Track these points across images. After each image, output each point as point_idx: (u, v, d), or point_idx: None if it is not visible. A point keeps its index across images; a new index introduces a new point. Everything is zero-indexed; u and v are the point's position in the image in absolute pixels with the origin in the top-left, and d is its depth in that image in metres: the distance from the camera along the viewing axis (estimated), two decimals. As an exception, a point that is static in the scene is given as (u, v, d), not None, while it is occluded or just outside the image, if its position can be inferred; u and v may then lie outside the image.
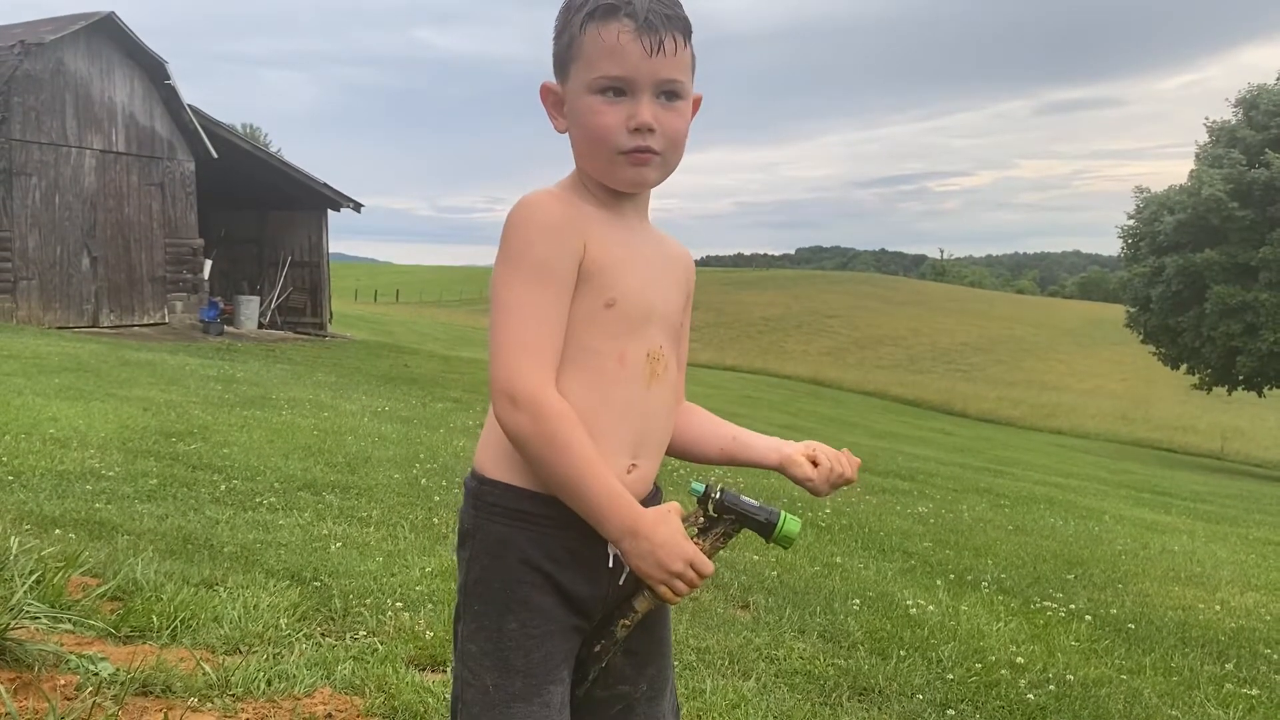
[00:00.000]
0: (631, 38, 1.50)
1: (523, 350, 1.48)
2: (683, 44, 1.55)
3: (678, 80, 1.55)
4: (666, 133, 1.56)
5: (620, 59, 1.51)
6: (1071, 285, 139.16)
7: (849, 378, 44.32)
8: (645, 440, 1.61)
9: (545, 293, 1.51)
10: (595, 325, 1.55)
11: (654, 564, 1.47)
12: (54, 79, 19.26)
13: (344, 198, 25.14)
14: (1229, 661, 4.60)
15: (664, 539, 1.47)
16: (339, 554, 4.53)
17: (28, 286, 19.04)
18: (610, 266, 1.56)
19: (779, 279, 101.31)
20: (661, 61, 1.52)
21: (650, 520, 1.47)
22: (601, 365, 1.56)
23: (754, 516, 1.52)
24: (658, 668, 1.70)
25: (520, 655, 1.53)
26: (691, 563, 1.47)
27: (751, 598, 4.70)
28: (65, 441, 6.70)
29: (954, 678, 3.83)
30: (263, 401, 10.53)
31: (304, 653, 3.20)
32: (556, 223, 1.53)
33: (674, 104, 1.56)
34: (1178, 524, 10.43)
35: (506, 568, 1.55)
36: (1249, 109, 31.00)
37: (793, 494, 7.70)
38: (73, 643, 3.00)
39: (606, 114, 1.54)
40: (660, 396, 1.63)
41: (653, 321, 1.62)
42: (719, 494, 1.50)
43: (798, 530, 1.51)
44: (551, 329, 1.51)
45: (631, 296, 1.58)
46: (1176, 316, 31.05)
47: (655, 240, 1.70)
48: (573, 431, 1.47)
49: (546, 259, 1.51)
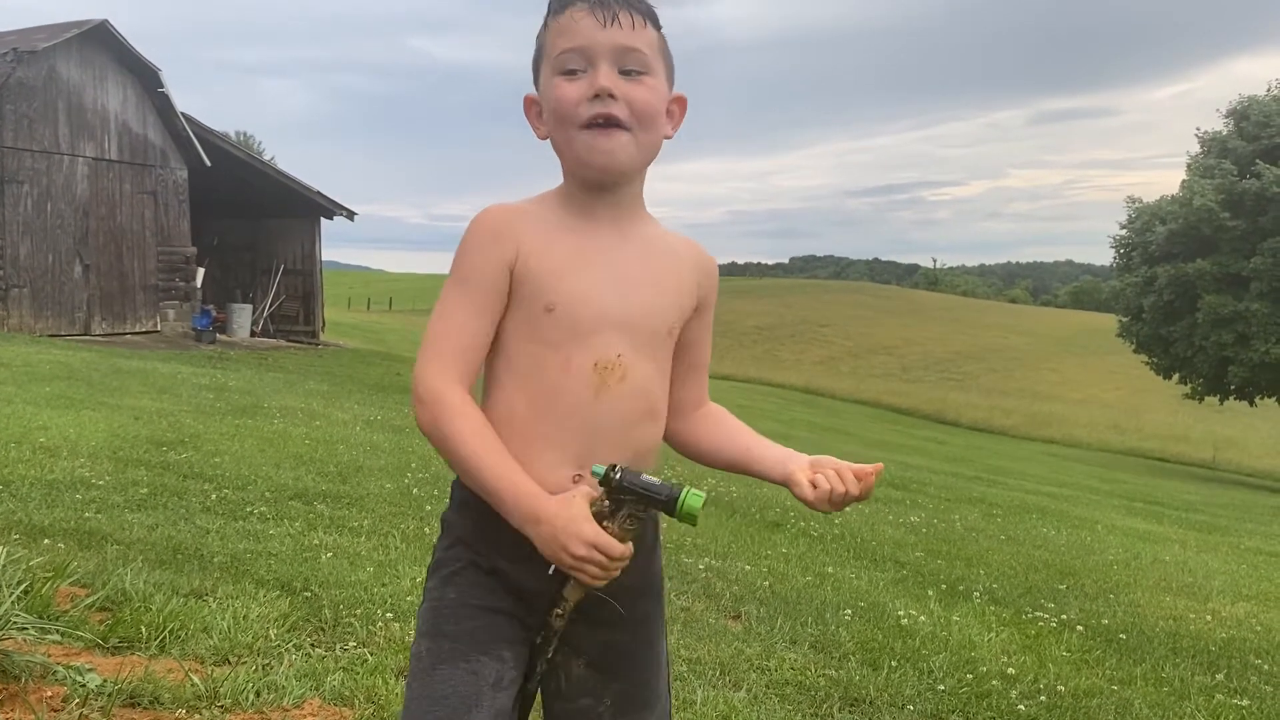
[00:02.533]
0: (585, 13, 1.53)
1: (431, 350, 1.56)
2: (644, 24, 1.55)
3: (638, 50, 1.54)
4: (632, 103, 1.54)
5: (574, 33, 1.53)
6: (1064, 295, 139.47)
7: (842, 386, 44.39)
8: (595, 451, 1.56)
9: (463, 298, 1.57)
10: (537, 331, 1.57)
11: (558, 549, 1.47)
12: (47, 86, 19.23)
13: (337, 206, 25.12)
14: (1220, 672, 4.60)
15: (564, 524, 1.46)
16: (329, 564, 4.52)
17: (19, 294, 18.98)
18: (549, 271, 1.56)
19: (772, 288, 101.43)
20: (617, 32, 1.52)
21: (552, 507, 1.48)
22: (544, 372, 1.57)
23: (654, 495, 1.47)
24: (629, 686, 1.65)
25: (452, 622, 1.57)
26: (596, 545, 1.45)
27: (743, 608, 4.70)
28: (55, 450, 6.68)
29: (945, 688, 3.82)
30: (254, 410, 10.50)
31: (293, 663, 3.19)
32: (486, 231, 1.58)
33: (639, 77, 1.55)
34: (1169, 534, 10.45)
35: (451, 547, 1.62)
36: (1240, 120, 31.15)
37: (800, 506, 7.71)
38: (60, 654, 2.99)
39: (566, 88, 1.54)
40: (613, 407, 1.58)
41: (606, 329, 1.57)
42: (618, 475, 1.46)
43: (699, 505, 1.47)
44: (462, 331, 1.56)
45: (574, 302, 1.56)
46: (1168, 326, 31.14)
47: (642, 244, 1.65)
48: (463, 424, 1.52)
49: (470, 265, 1.58)
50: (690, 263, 1.70)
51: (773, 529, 7.15)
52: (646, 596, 1.69)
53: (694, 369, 1.76)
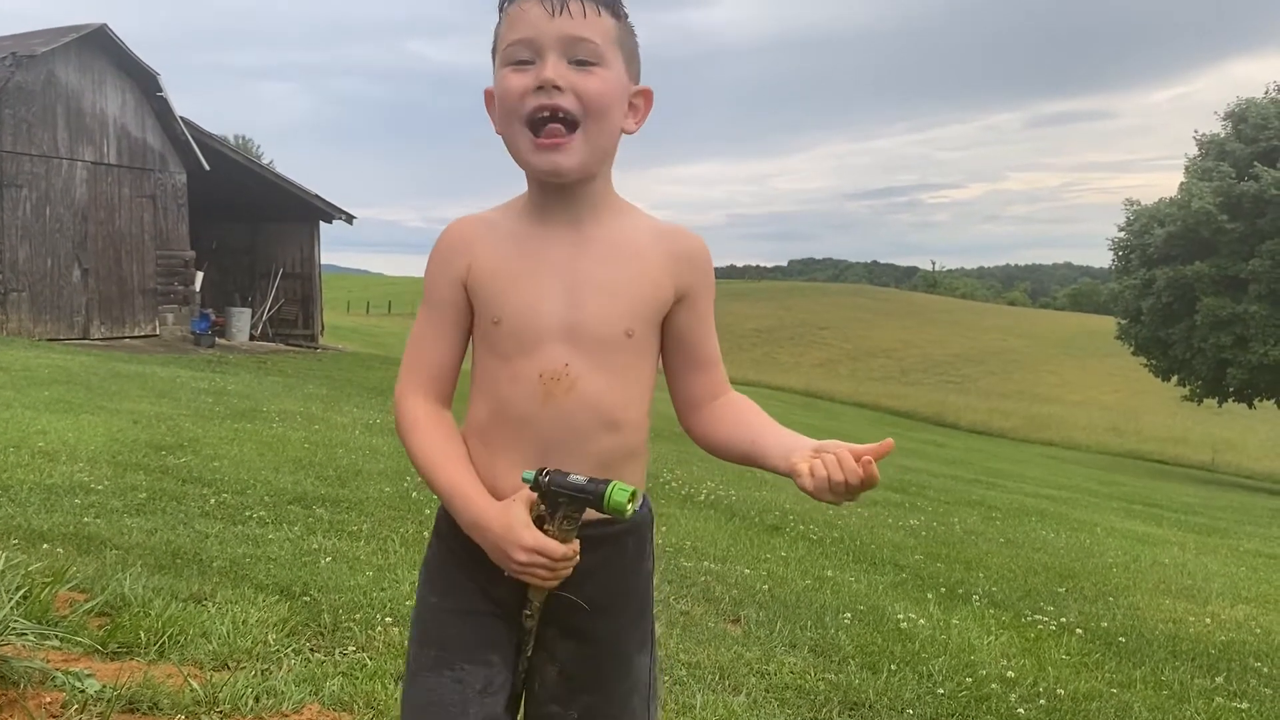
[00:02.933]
0: (534, 2, 1.49)
1: (402, 367, 1.64)
2: (598, 13, 1.50)
3: (589, 42, 1.49)
4: (581, 94, 1.49)
5: (523, 23, 1.50)
6: (1062, 297, 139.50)
7: (841, 389, 44.40)
8: (551, 457, 1.53)
9: (427, 314, 1.63)
10: (490, 344, 1.59)
11: (501, 556, 1.49)
12: (45, 91, 19.24)
13: (335, 209, 25.13)
14: (1219, 675, 4.60)
15: (503, 531, 1.48)
16: (329, 568, 4.51)
17: (18, 298, 18.97)
18: (495, 284, 1.57)
19: (771, 290, 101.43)
20: (566, 21, 1.48)
21: (492, 514, 1.50)
22: (497, 384, 1.58)
23: (582, 495, 1.45)
24: (598, 701, 1.61)
25: (436, 628, 1.59)
26: (537, 549, 1.45)
27: (742, 611, 4.70)
28: (54, 455, 6.67)
29: (944, 692, 3.82)
30: (253, 414, 10.50)
31: (293, 668, 3.18)
32: (443, 248, 1.63)
33: (589, 68, 1.50)
34: (1169, 536, 10.45)
35: (434, 549, 1.67)
36: (1238, 122, 31.18)
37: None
38: (59, 659, 2.98)
39: (513, 79, 1.51)
40: (562, 417, 1.54)
41: (550, 338, 1.54)
42: (545, 478, 1.46)
43: (626, 499, 1.43)
44: (423, 348, 1.63)
45: (518, 314, 1.55)
46: (1167, 328, 31.16)
47: (603, 246, 1.58)
48: (416, 435, 1.59)
49: (430, 283, 1.63)
50: (664, 254, 1.60)
51: (772, 532, 7.15)
52: (622, 616, 1.64)
53: (698, 365, 1.66)
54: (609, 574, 1.60)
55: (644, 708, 1.67)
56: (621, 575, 1.63)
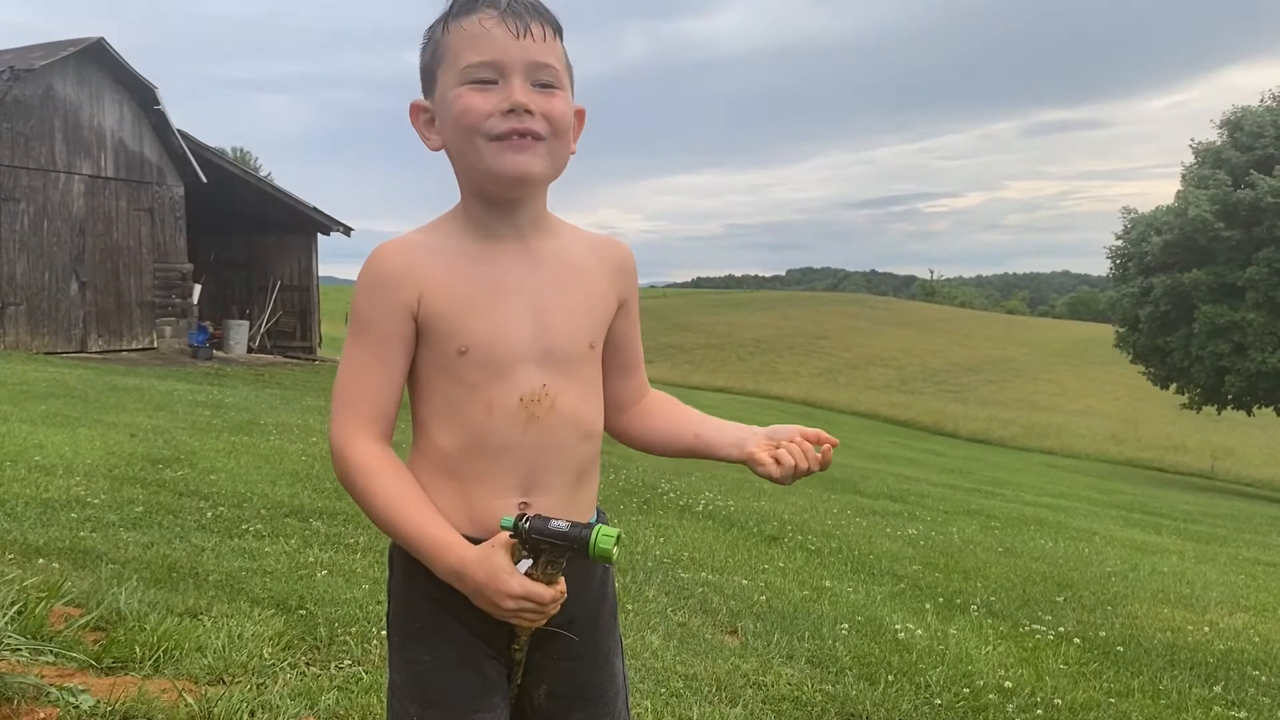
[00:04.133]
0: (496, 22, 1.47)
1: (338, 405, 1.54)
2: (553, 36, 1.51)
3: (551, 66, 1.49)
4: (548, 115, 1.49)
5: (487, 44, 1.47)
6: (1061, 305, 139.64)
7: (840, 399, 44.38)
8: (537, 478, 1.54)
9: (365, 348, 1.53)
10: (453, 373, 1.52)
11: (487, 604, 1.45)
12: (43, 104, 19.27)
13: (333, 221, 25.14)
14: (1217, 684, 4.59)
15: (485, 579, 1.42)
16: (325, 581, 4.50)
17: (15, 312, 18.97)
18: (458, 313, 1.51)
19: (770, 300, 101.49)
20: (531, 45, 1.47)
21: (473, 562, 1.44)
22: (467, 413, 1.52)
23: (564, 542, 1.42)
24: (590, 712, 1.64)
25: (437, 687, 1.54)
26: (525, 596, 1.42)
27: (739, 623, 4.69)
28: (51, 469, 6.66)
29: (942, 703, 3.82)
30: (251, 427, 10.49)
31: (288, 682, 3.18)
32: (384, 277, 1.52)
33: (551, 91, 1.50)
34: (1168, 544, 10.44)
35: (414, 599, 1.57)
36: (1234, 130, 31.25)
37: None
38: (54, 674, 2.97)
39: (474, 98, 1.48)
40: (546, 436, 1.54)
41: (524, 361, 1.53)
42: (526, 525, 1.42)
43: (612, 545, 1.41)
44: (366, 384, 1.53)
45: (488, 342, 1.52)
46: (1165, 336, 31.16)
47: (553, 264, 1.59)
48: (373, 482, 1.49)
49: (368, 316, 1.53)
50: (604, 267, 1.64)
51: (770, 543, 7.14)
52: (600, 626, 1.66)
53: (628, 368, 1.72)
54: (586, 590, 1.61)
55: (626, 708, 1.71)
56: (596, 586, 1.65)
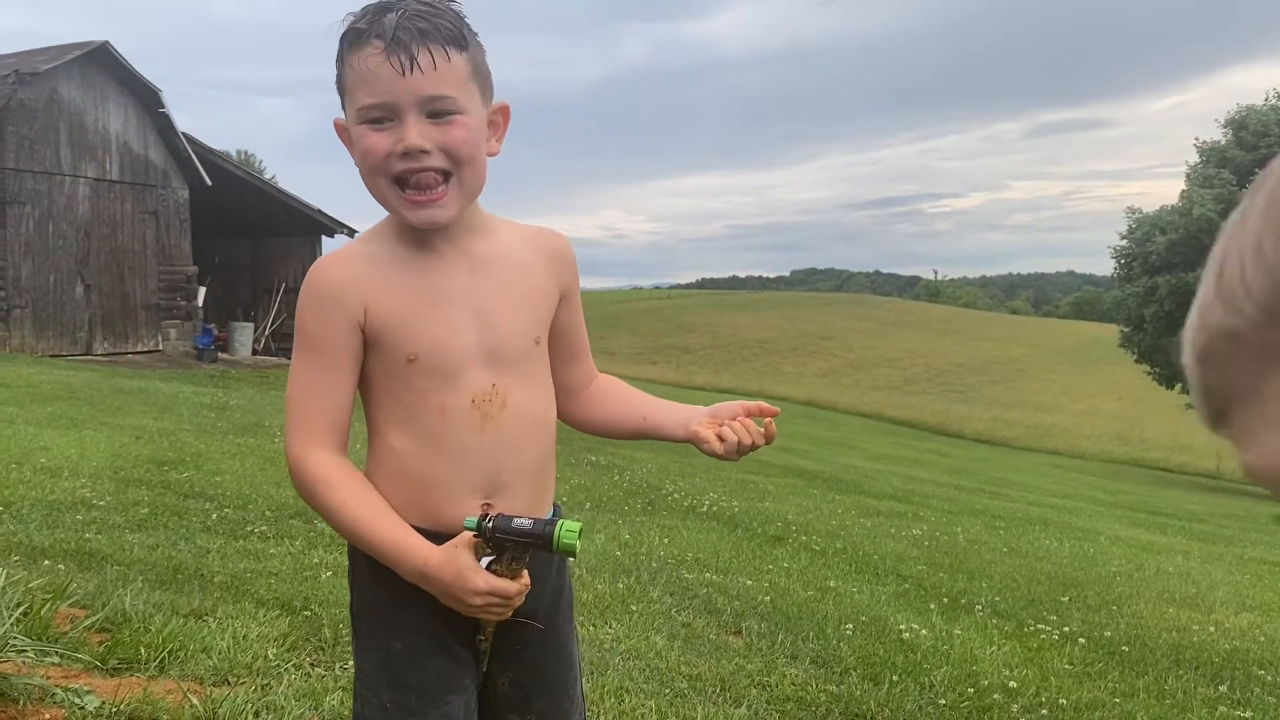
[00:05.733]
0: (380, 60, 1.42)
1: (292, 420, 1.56)
2: (446, 58, 1.44)
3: (444, 96, 1.45)
4: (446, 148, 1.47)
5: (373, 84, 1.44)
6: (1065, 305, 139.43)
7: (844, 399, 44.32)
8: (497, 478, 1.57)
9: (313, 362, 1.55)
10: (404, 380, 1.55)
11: (453, 601, 1.49)
12: (48, 108, 19.32)
13: (338, 223, 25.17)
14: (1223, 684, 4.58)
15: (451, 579, 1.46)
16: (330, 582, 4.51)
17: (21, 315, 19.02)
18: (404, 322, 1.53)
19: (773, 301, 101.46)
20: (419, 79, 1.43)
21: (436, 562, 1.47)
22: (423, 419, 1.55)
23: (529, 539, 1.46)
24: (549, 703, 1.68)
25: (411, 672, 1.57)
26: (491, 592, 1.45)
27: (744, 623, 4.69)
28: (56, 471, 6.68)
29: (946, 703, 3.81)
30: (256, 429, 10.51)
31: (293, 683, 3.18)
32: (327, 291, 1.54)
33: (449, 119, 1.47)
34: (1173, 544, 10.42)
35: (381, 589, 1.58)
36: (1238, 129, 31.24)
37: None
38: (59, 675, 2.98)
39: (372, 138, 1.47)
40: (502, 434, 1.57)
41: (472, 364, 1.55)
42: (490, 524, 1.45)
43: (575, 539, 1.45)
44: (318, 398, 1.54)
45: (435, 348, 1.54)
46: (1170, 336, 31.11)
47: (492, 264, 1.60)
48: (333, 496, 1.52)
49: (314, 331, 1.55)
50: (543, 259, 1.66)
51: (774, 543, 7.14)
52: (559, 615, 1.71)
53: (574, 355, 1.75)
54: (543, 585, 1.64)
55: (581, 693, 1.77)
56: (554, 579, 1.69)
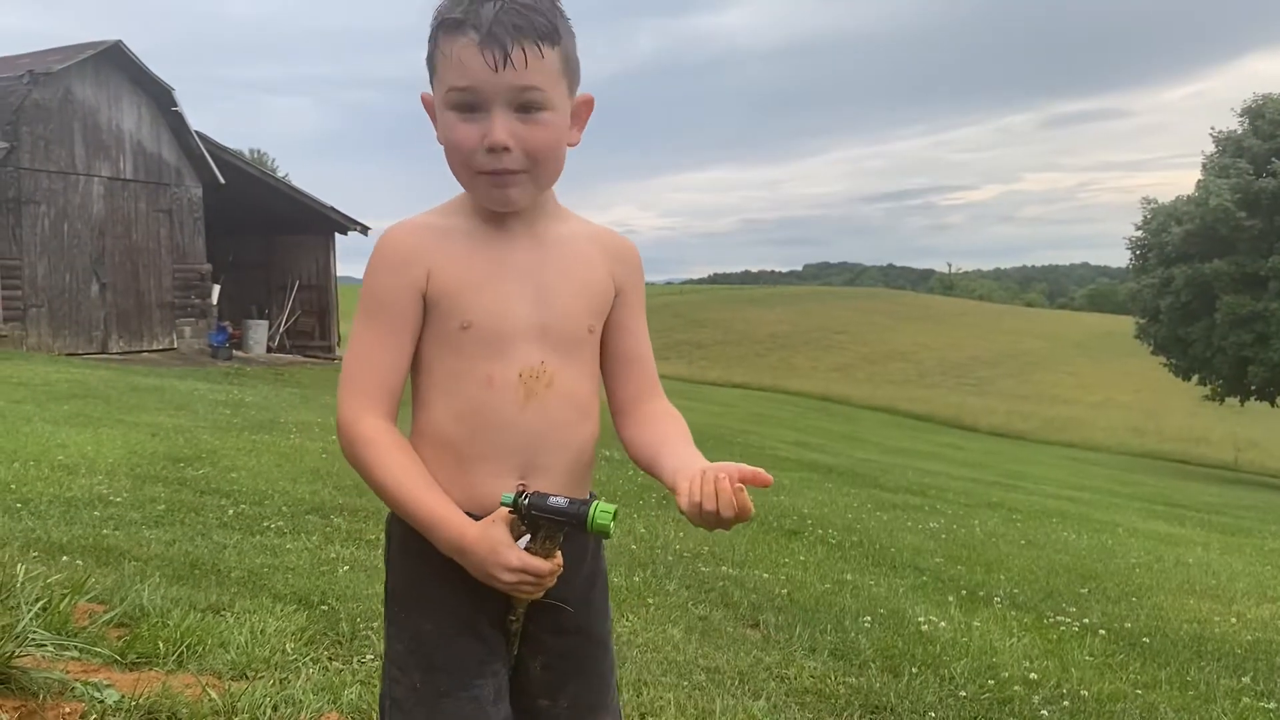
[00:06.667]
0: (474, 51, 1.44)
1: (347, 383, 1.56)
2: (539, 53, 1.46)
3: (535, 89, 1.47)
4: (528, 148, 1.50)
5: (464, 72, 1.46)
6: (1080, 297, 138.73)
7: (858, 393, 44.21)
8: (534, 458, 1.58)
9: (375, 327, 1.56)
10: (456, 348, 1.56)
11: (485, 576, 1.49)
12: (62, 108, 19.40)
13: (351, 221, 25.23)
14: (1246, 675, 4.55)
15: (486, 553, 1.47)
16: (346, 577, 4.52)
17: (37, 314, 19.12)
18: (463, 289, 1.55)
19: (786, 296, 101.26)
20: (510, 74, 1.45)
21: (473, 536, 1.48)
22: (468, 389, 1.57)
23: (563, 518, 1.46)
24: (582, 689, 1.68)
25: (441, 653, 1.57)
26: (523, 569, 1.46)
27: (761, 616, 4.67)
28: (73, 468, 6.71)
29: (966, 695, 3.79)
30: (271, 425, 10.53)
31: (311, 677, 3.18)
32: (392, 257, 1.56)
33: (536, 116, 1.49)
34: (1192, 536, 10.36)
35: (414, 569, 1.60)
36: (1255, 118, 30.99)
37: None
38: (78, 670, 2.98)
39: (461, 130, 1.50)
40: (544, 413, 1.58)
41: (524, 338, 1.58)
42: (525, 501, 1.46)
43: (609, 520, 1.45)
44: (375, 362, 1.56)
45: (490, 317, 1.56)
46: (1186, 327, 30.95)
47: (557, 246, 1.63)
48: (381, 458, 1.52)
49: (379, 294, 1.57)
50: (605, 254, 1.68)
51: (790, 536, 7.12)
52: (593, 606, 1.70)
53: (629, 361, 1.72)
54: (577, 573, 1.64)
55: (615, 679, 1.76)
56: (590, 561, 1.69)
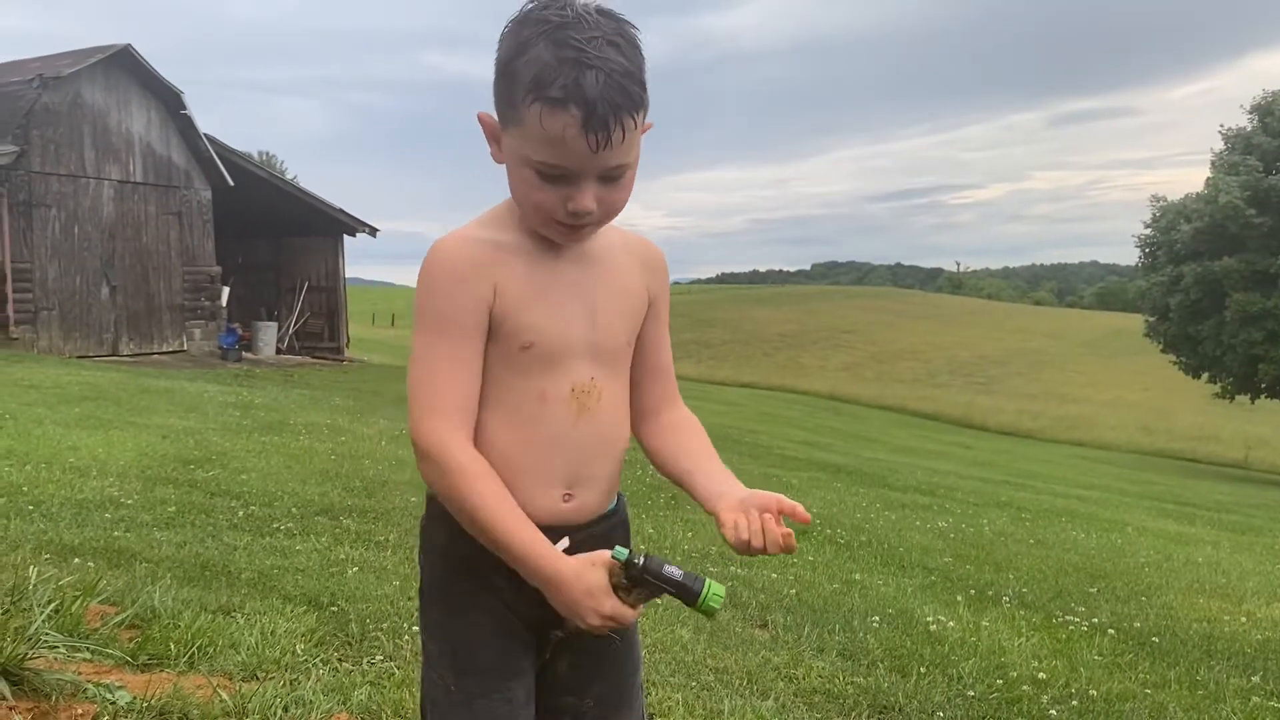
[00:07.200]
0: (577, 133, 1.40)
1: (426, 405, 1.51)
2: (635, 123, 1.44)
3: (623, 166, 1.48)
4: (607, 208, 1.51)
5: (563, 153, 1.43)
6: (1089, 296, 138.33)
7: (867, 393, 44.14)
8: (581, 472, 1.60)
9: (446, 343, 1.52)
10: (513, 366, 1.55)
11: (573, 615, 1.49)
12: (72, 111, 19.47)
13: (359, 222, 25.27)
14: (1255, 674, 4.53)
15: (581, 594, 1.47)
16: (356, 578, 4.53)
17: (48, 317, 19.19)
18: (524, 309, 1.54)
19: (794, 295, 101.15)
20: (607, 154, 1.43)
21: (570, 574, 1.47)
22: (522, 404, 1.56)
23: (677, 592, 1.48)
24: (609, 685, 1.70)
25: (475, 655, 1.59)
26: (613, 618, 1.48)
27: (769, 616, 4.68)
28: (85, 470, 6.74)
29: (975, 694, 3.79)
30: (280, 427, 10.56)
31: (321, 678, 3.19)
32: (461, 271, 1.52)
33: (619, 180, 1.50)
34: (1202, 535, 10.32)
35: (454, 571, 1.61)
36: (1264, 115, 30.84)
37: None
38: (90, 671, 3.01)
39: (543, 193, 1.48)
40: (593, 427, 1.60)
41: (577, 355, 1.58)
42: (641, 561, 1.47)
43: (720, 604, 1.48)
44: (455, 381, 1.52)
45: (549, 337, 1.55)
46: (1196, 325, 30.82)
47: (598, 260, 1.62)
48: (475, 485, 1.49)
49: (450, 311, 1.52)
50: (640, 265, 1.68)
51: (798, 536, 7.09)
52: None
53: (655, 371, 1.73)
54: None
55: (640, 678, 1.77)
56: None
